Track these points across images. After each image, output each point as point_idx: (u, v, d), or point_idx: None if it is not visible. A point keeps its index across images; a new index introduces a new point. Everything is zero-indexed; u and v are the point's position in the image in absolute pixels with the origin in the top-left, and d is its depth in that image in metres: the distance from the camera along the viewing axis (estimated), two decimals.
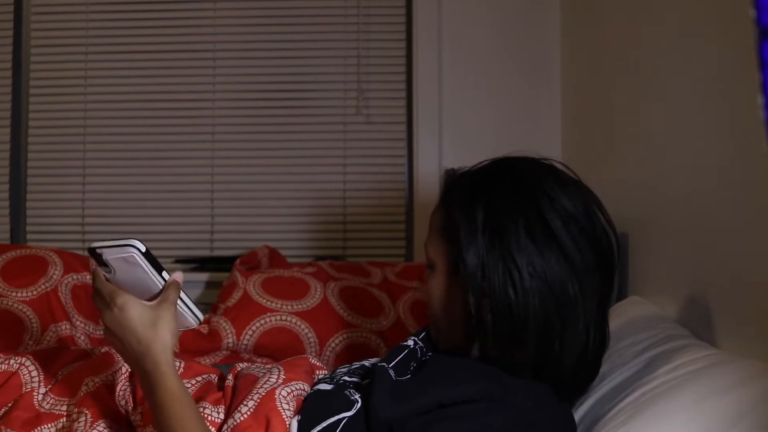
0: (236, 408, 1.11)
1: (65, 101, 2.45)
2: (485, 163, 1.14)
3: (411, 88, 2.39)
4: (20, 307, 1.78)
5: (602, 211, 1.07)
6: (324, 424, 1.03)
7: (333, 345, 1.80)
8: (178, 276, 1.04)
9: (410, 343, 1.17)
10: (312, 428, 1.05)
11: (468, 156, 2.32)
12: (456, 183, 1.12)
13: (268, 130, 2.45)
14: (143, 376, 1.00)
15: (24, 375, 1.27)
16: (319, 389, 1.14)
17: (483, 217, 1.03)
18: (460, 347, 1.10)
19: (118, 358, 1.31)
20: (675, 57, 1.43)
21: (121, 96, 2.44)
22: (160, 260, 1.03)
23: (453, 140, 2.33)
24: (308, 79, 2.44)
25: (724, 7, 1.21)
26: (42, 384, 1.26)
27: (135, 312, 0.99)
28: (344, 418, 1.04)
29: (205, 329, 1.85)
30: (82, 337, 1.83)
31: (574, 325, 1.01)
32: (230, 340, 1.80)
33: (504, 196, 1.04)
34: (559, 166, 1.10)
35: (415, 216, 2.34)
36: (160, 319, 0.99)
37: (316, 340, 1.80)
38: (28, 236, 2.43)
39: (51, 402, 1.24)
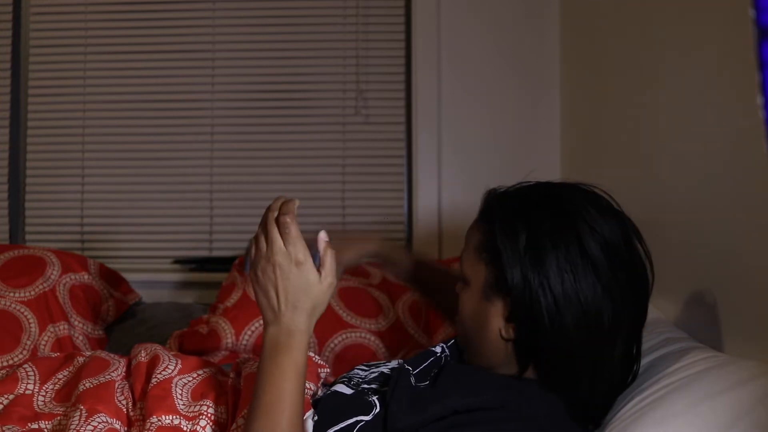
0: (245, 408, 1.12)
1: (64, 101, 2.45)
2: (527, 185, 1.12)
3: (410, 88, 2.39)
4: (18, 307, 1.77)
5: (641, 241, 1.07)
6: (341, 425, 1.04)
7: (332, 345, 1.80)
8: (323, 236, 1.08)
9: (438, 350, 1.18)
10: (328, 428, 1.06)
11: (467, 155, 2.33)
12: (497, 204, 1.10)
13: (266, 131, 2.44)
14: (274, 338, 1.02)
15: (23, 378, 1.28)
16: (337, 391, 1.15)
17: (525, 244, 1.02)
18: (488, 364, 1.10)
19: (114, 361, 1.32)
20: (675, 57, 1.43)
21: (120, 96, 2.44)
22: (159, 261, 1.03)
23: (452, 140, 2.33)
24: (307, 79, 2.44)
25: (724, 7, 1.21)
26: (40, 390, 1.27)
27: (312, 280, 1.03)
28: (361, 421, 1.05)
29: (204, 329, 1.85)
30: (81, 338, 1.83)
31: (605, 353, 1.01)
32: (229, 340, 1.80)
33: (546, 223, 1.03)
34: (602, 194, 1.09)
35: (414, 216, 2.34)
36: (322, 303, 1.05)
37: (316, 341, 1.80)
38: (27, 236, 2.43)
39: (50, 406, 1.24)
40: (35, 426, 1.19)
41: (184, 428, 1.14)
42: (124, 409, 1.21)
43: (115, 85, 2.44)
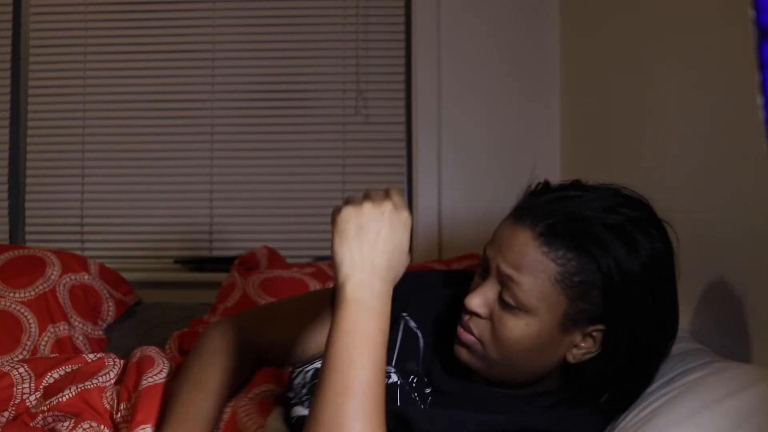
0: None
1: (64, 101, 2.45)
2: (582, 196, 1.00)
3: (410, 88, 2.39)
4: (18, 307, 1.77)
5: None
6: None
7: None
8: None
9: (395, 379, 1.08)
10: None
11: (467, 155, 2.33)
12: (579, 227, 0.95)
13: (266, 131, 2.44)
14: (359, 297, 0.90)
15: (16, 378, 1.29)
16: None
17: (620, 278, 0.94)
18: (522, 380, 1.04)
19: (109, 362, 1.32)
20: (675, 58, 1.43)
21: (120, 96, 2.44)
22: (159, 261, 1.03)
23: (452, 140, 2.33)
24: (307, 79, 2.44)
25: (723, 7, 1.20)
26: (33, 390, 1.27)
27: (407, 248, 0.94)
28: None
29: (204, 330, 1.84)
30: (80, 338, 1.83)
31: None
32: None
33: (643, 252, 0.97)
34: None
35: (414, 215, 2.34)
36: (405, 265, 0.95)
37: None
38: (27, 237, 2.43)
39: (39, 405, 1.25)
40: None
41: None
42: (110, 412, 1.20)
43: (115, 85, 2.44)
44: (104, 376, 1.26)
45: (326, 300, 1.14)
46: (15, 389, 1.28)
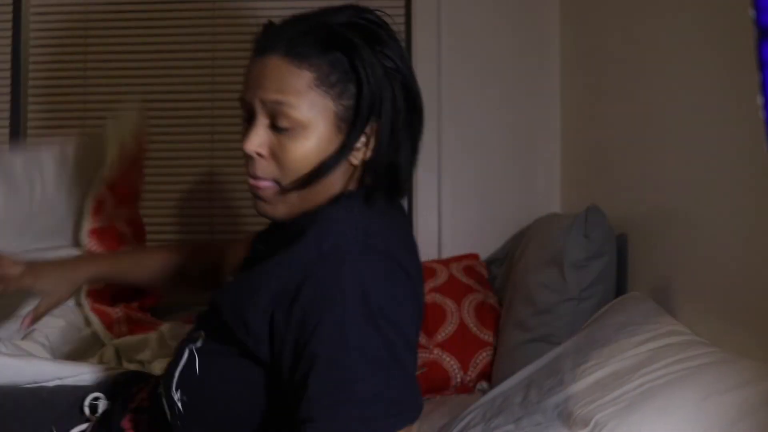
0: None
1: (64, 101, 2.45)
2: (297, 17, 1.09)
3: None
4: None
5: None
6: None
7: None
8: None
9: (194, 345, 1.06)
10: None
11: (467, 151, 2.33)
12: (304, 35, 1.03)
13: None
14: None
15: None
16: None
17: (368, 70, 1.02)
18: (318, 201, 1.04)
19: None
20: (675, 58, 1.43)
21: (120, 96, 2.44)
22: None
23: (453, 136, 2.32)
24: None
25: (724, 7, 1.21)
26: None
27: None
28: None
29: None
30: None
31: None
32: None
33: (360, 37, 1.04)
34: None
35: (414, 210, 2.34)
36: None
37: None
38: None
39: None
40: None
41: None
42: None
43: (115, 84, 2.44)
44: None
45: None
46: None
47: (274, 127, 1.02)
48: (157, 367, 1.63)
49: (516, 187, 2.30)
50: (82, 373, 1.25)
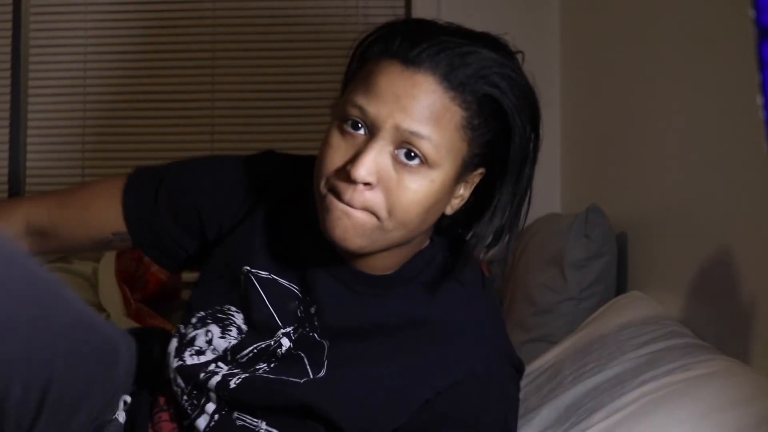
0: None
1: (64, 101, 2.45)
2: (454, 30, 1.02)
3: None
4: None
5: None
6: None
7: None
8: None
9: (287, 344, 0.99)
10: None
11: None
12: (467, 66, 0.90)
13: (267, 130, 2.44)
14: None
15: None
16: None
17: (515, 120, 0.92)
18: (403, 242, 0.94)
19: None
20: (675, 58, 1.43)
21: (120, 96, 2.44)
22: None
23: None
24: (307, 79, 2.44)
25: (723, 7, 1.21)
26: None
27: None
28: None
29: None
30: None
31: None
32: None
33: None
34: None
35: None
36: None
37: None
38: None
39: None
40: None
41: None
42: None
43: (115, 84, 2.44)
44: None
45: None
46: None
47: (397, 157, 0.87)
48: None
49: None
50: None
